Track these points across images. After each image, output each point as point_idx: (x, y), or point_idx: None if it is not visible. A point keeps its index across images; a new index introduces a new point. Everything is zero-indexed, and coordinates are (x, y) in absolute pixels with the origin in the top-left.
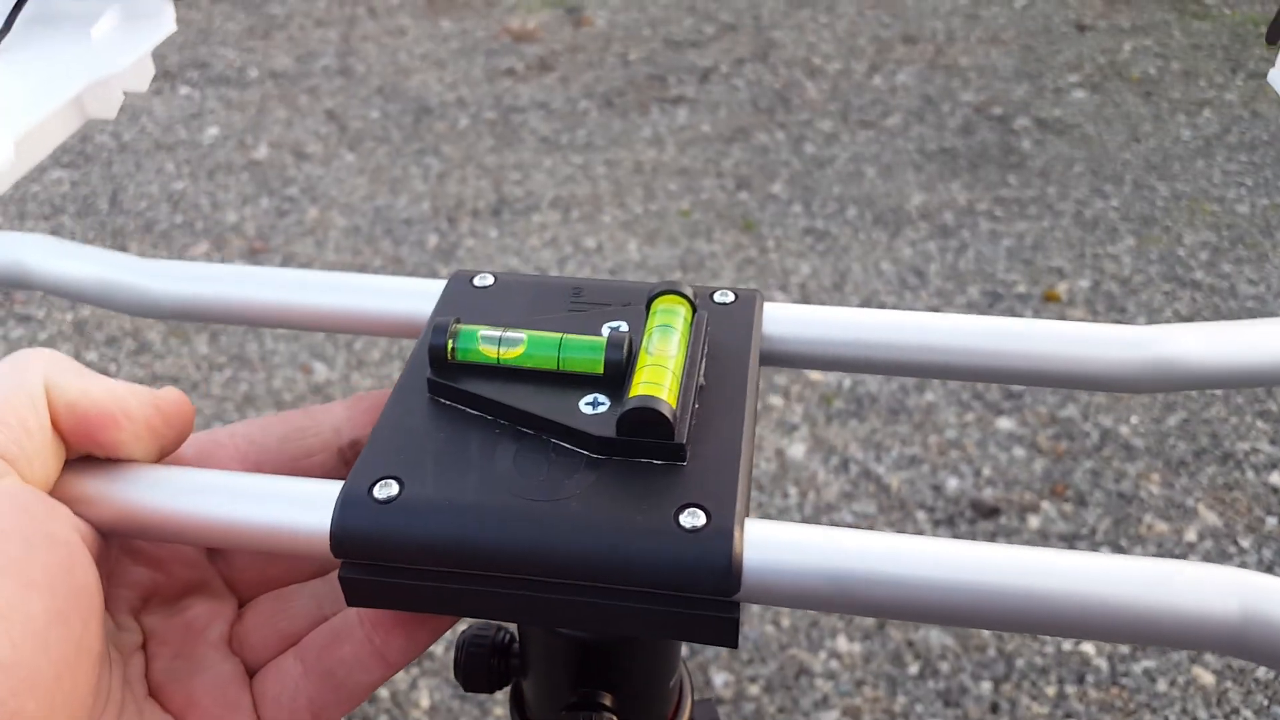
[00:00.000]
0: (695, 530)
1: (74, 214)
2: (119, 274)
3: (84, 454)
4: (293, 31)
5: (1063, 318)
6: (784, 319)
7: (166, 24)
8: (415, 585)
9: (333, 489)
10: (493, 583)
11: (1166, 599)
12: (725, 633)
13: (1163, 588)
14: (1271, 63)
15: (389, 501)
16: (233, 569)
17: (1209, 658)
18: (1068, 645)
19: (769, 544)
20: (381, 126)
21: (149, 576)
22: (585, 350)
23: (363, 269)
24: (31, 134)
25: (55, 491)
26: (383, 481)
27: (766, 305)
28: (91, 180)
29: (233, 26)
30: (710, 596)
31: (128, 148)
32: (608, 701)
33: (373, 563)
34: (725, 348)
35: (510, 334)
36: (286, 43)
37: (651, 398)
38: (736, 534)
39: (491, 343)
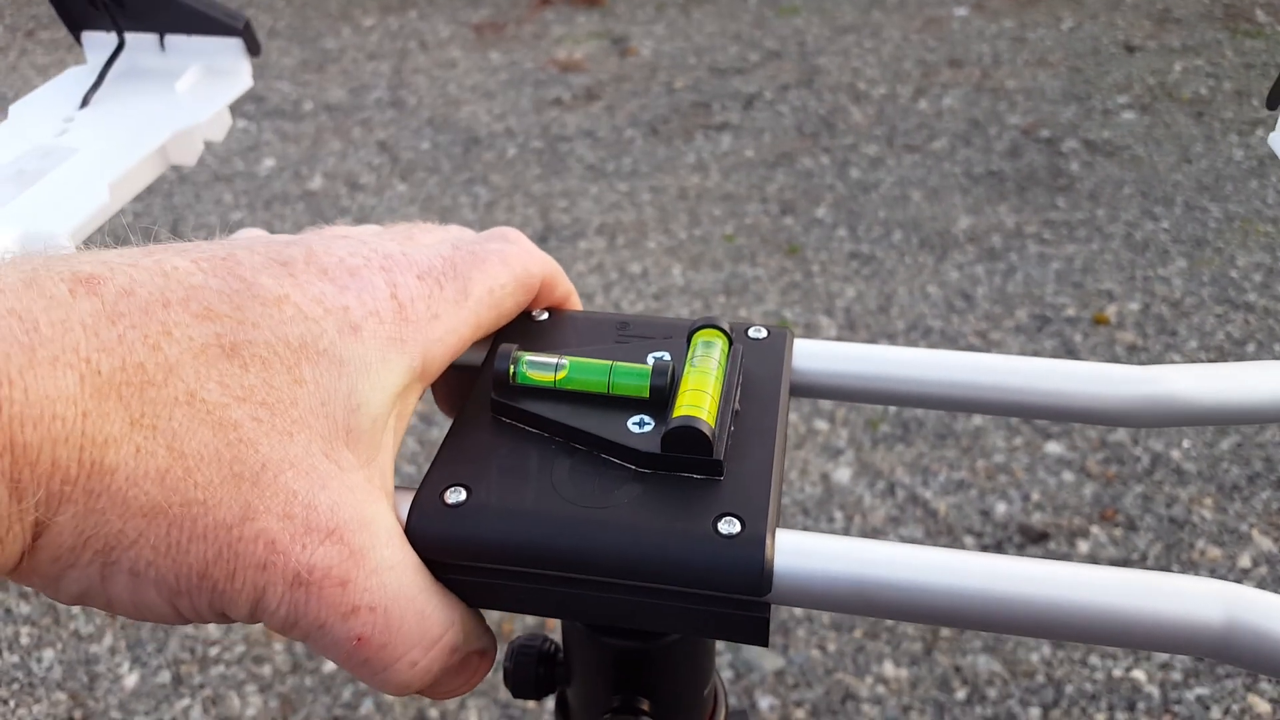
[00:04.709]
0: (731, 536)
1: (136, 244)
2: None
3: None
4: (346, 65)
5: (1112, 341)
6: (811, 354)
7: (244, 79)
8: (478, 582)
9: (406, 494)
10: (548, 581)
11: (1161, 606)
12: (757, 631)
13: (1156, 596)
14: (1272, 126)
15: (458, 506)
16: None
17: (1264, 684)
18: (1118, 671)
19: (798, 551)
20: (432, 157)
21: None
22: (633, 376)
23: None
24: (123, 179)
25: None
26: (453, 488)
27: (796, 341)
28: (153, 211)
29: (288, 61)
30: (744, 596)
31: (187, 179)
32: (646, 706)
33: (441, 560)
34: (758, 378)
35: (565, 360)
36: (340, 76)
37: (693, 418)
38: (768, 541)
39: (548, 368)
